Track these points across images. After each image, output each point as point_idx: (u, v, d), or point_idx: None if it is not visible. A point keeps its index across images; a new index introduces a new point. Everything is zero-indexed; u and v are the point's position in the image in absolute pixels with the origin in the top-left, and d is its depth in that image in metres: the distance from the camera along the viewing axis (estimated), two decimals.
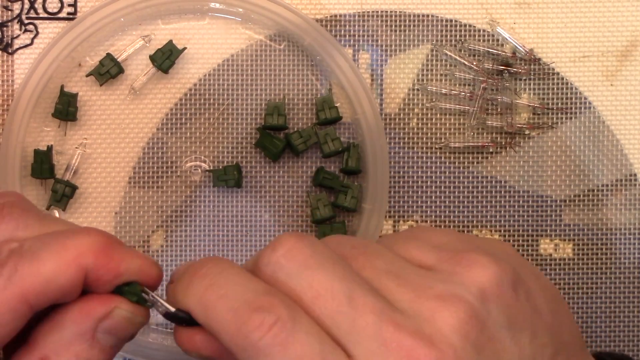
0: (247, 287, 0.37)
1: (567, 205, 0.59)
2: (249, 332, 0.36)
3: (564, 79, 0.59)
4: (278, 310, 0.36)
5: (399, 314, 0.37)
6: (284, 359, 0.36)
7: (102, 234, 0.38)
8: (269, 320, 0.36)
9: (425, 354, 0.36)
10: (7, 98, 0.57)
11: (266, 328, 0.36)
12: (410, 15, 0.59)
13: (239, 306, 0.37)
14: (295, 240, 0.38)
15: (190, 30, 0.58)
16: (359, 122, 0.57)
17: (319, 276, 0.37)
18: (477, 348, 0.37)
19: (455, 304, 0.37)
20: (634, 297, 0.59)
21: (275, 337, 0.36)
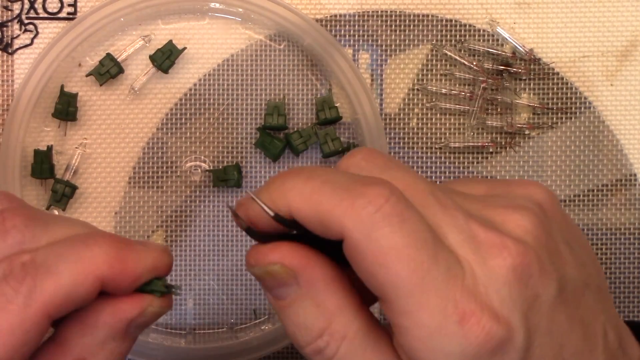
0: (347, 175, 0.37)
1: (567, 205, 0.59)
2: (363, 205, 0.35)
3: (564, 79, 0.59)
4: (390, 187, 0.36)
5: (477, 217, 0.37)
6: (400, 232, 0.35)
7: (113, 241, 0.38)
8: (384, 192, 0.35)
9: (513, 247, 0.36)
10: (7, 98, 0.57)
11: (383, 200, 0.35)
12: (410, 15, 0.59)
13: (349, 184, 0.36)
14: (369, 149, 0.39)
15: (190, 30, 0.58)
16: (359, 122, 0.57)
17: (402, 173, 0.38)
18: (548, 251, 0.37)
19: (522, 211, 0.38)
20: (634, 297, 0.59)
21: (394, 208, 0.35)
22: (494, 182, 0.41)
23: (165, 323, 0.57)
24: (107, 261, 0.37)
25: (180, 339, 0.57)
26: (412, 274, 0.35)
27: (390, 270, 0.35)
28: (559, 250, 0.38)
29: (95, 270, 0.37)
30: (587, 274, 0.40)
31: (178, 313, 0.58)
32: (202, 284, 0.58)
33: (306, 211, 0.36)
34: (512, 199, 0.39)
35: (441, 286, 0.35)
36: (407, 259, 0.35)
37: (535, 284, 0.36)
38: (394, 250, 0.35)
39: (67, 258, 0.37)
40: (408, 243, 0.35)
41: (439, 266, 0.35)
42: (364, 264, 0.35)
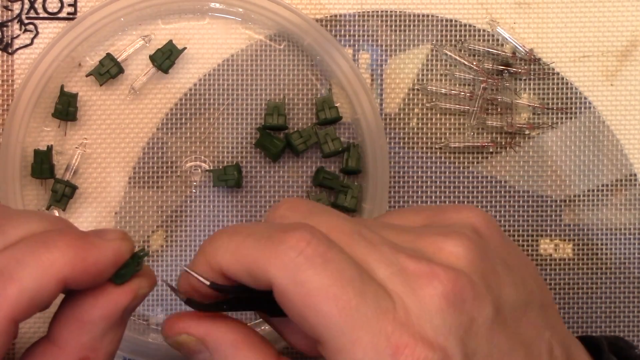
0: (269, 225, 0.38)
1: (567, 205, 0.59)
2: (285, 251, 0.36)
3: (564, 79, 0.59)
4: (311, 229, 0.36)
5: (407, 249, 0.38)
6: (324, 272, 0.35)
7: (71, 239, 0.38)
8: (306, 236, 0.36)
9: (443, 274, 0.36)
10: (7, 98, 0.57)
11: (304, 244, 0.36)
12: (410, 15, 0.59)
13: (270, 233, 0.37)
14: (294, 198, 0.39)
15: (190, 30, 0.58)
16: (359, 122, 0.57)
17: (325, 217, 0.38)
18: (483, 275, 0.38)
19: (455, 237, 0.38)
20: (634, 297, 0.59)
21: (316, 251, 0.36)
22: (429, 211, 0.41)
23: None
24: (67, 263, 0.37)
25: None
26: (341, 312, 0.35)
27: (319, 311, 0.35)
28: (496, 272, 0.38)
29: (57, 274, 0.37)
30: (528, 293, 0.40)
31: None
32: None
33: (235, 266, 0.37)
34: (447, 226, 0.39)
35: (372, 322, 0.35)
36: (334, 299, 0.35)
37: (470, 308, 0.36)
38: (320, 291, 0.35)
39: (27, 263, 0.37)
40: (333, 282, 0.35)
41: (367, 302, 0.35)
42: (294, 309, 0.36)
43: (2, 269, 0.36)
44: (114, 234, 0.40)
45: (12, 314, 0.36)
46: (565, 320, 0.59)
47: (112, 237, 0.40)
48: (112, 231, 0.40)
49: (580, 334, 0.59)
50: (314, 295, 0.35)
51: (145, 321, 0.57)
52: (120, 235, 0.40)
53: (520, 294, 0.39)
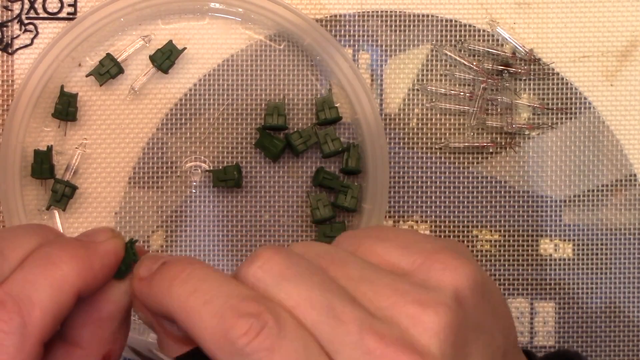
0: (231, 292, 0.37)
1: (567, 205, 0.59)
2: (236, 338, 0.36)
3: (564, 79, 0.59)
4: (265, 316, 0.36)
5: (378, 322, 0.37)
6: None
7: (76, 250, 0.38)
8: (255, 326, 0.36)
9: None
10: (7, 98, 0.57)
11: (253, 334, 0.36)
12: (410, 15, 0.59)
13: (225, 312, 0.36)
14: (272, 252, 0.38)
15: (190, 30, 0.58)
16: (359, 122, 0.57)
17: (296, 287, 0.37)
18: (455, 350, 0.37)
19: (435, 309, 0.37)
20: (634, 297, 0.59)
21: (262, 343, 0.36)
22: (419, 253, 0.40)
23: None
24: (78, 275, 0.38)
25: None
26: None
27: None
28: (466, 343, 0.38)
29: (72, 288, 0.38)
30: (494, 352, 0.39)
31: None
32: None
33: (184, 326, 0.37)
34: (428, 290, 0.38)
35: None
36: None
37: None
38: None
39: (41, 284, 0.37)
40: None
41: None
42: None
43: (19, 294, 0.37)
44: (104, 234, 0.40)
45: (40, 337, 0.37)
46: (565, 321, 0.59)
47: (105, 237, 0.40)
48: (101, 231, 0.41)
49: (580, 333, 0.59)
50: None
51: None
52: (110, 233, 0.41)
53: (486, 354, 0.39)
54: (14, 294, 0.37)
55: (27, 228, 0.40)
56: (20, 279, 0.37)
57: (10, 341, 0.36)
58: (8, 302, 0.36)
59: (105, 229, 0.41)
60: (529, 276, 0.59)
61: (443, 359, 0.36)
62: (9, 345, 0.36)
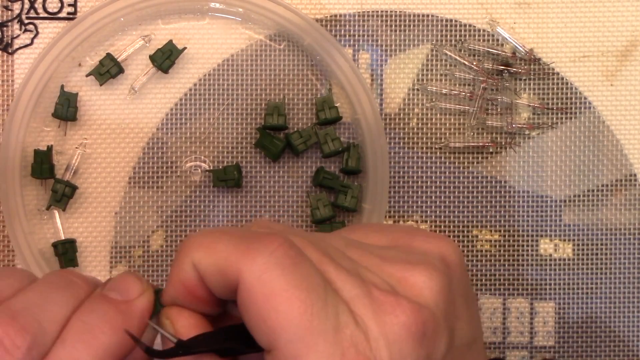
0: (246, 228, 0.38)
1: (567, 205, 0.59)
2: (257, 249, 0.36)
3: (564, 79, 0.59)
4: (285, 237, 0.36)
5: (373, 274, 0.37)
6: (292, 275, 0.35)
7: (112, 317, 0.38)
8: (278, 239, 0.36)
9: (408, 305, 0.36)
10: (7, 98, 0.57)
11: (277, 245, 0.36)
12: (410, 15, 0.59)
13: (246, 234, 0.37)
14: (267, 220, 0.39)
15: (190, 30, 0.58)
16: (359, 122, 0.57)
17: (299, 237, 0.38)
18: (445, 307, 0.38)
19: (423, 267, 0.38)
20: (634, 297, 0.59)
21: (286, 253, 0.36)
22: (396, 232, 0.41)
23: None
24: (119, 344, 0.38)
25: None
26: (302, 316, 0.35)
27: (279, 312, 0.35)
28: (455, 307, 0.38)
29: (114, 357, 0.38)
30: (475, 329, 0.40)
31: None
32: None
33: (206, 262, 0.37)
34: (415, 254, 0.39)
35: (330, 332, 0.35)
36: (297, 301, 0.35)
37: (428, 343, 0.36)
38: (284, 292, 0.35)
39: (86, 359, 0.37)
40: (298, 285, 0.35)
41: (328, 312, 0.35)
42: (254, 309, 0.36)
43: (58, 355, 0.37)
44: (136, 288, 0.40)
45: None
46: (565, 321, 0.59)
47: (137, 292, 0.40)
48: (132, 284, 0.40)
49: (580, 333, 0.59)
50: (277, 295, 0.35)
51: None
52: (141, 286, 0.40)
53: (470, 331, 0.39)
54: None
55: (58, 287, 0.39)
56: (63, 355, 0.37)
57: None
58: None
59: (136, 281, 0.40)
60: (529, 276, 0.59)
61: (437, 310, 0.37)
62: None
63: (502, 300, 0.59)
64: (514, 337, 0.59)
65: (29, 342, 0.36)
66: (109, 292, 0.40)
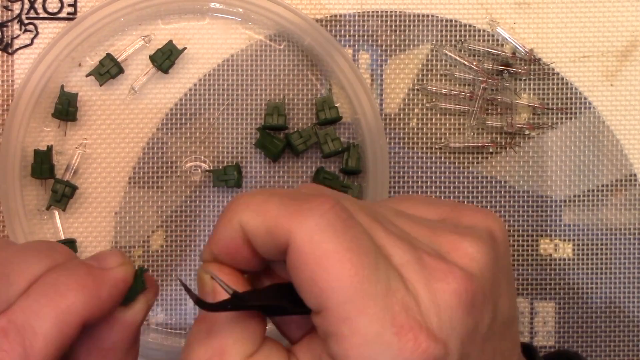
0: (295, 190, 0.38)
1: (567, 205, 0.59)
2: (309, 210, 0.35)
3: (564, 79, 0.59)
4: (336, 198, 0.36)
5: (423, 242, 0.37)
6: (343, 237, 0.35)
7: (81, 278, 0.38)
8: (329, 201, 0.36)
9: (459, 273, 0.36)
10: (7, 98, 0.57)
11: (328, 207, 0.35)
12: (410, 15, 0.59)
13: (296, 195, 0.36)
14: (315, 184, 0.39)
15: (190, 30, 0.58)
16: (359, 122, 0.57)
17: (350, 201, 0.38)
18: (491, 281, 0.38)
19: (472, 239, 0.38)
20: (634, 297, 0.59)
21: (338, 215, 0.35)
22: (445, 206, 0.41)
23: (165, 323, 0.57)
24: (84, 305, 0.37)
25: (180, 339, 0.57)
26: (353, 278, 0.35)
27: (330, 274, 0.35)
28: (499, 282, 0.38)
29: (77, 318, 0.37)
30: (516, 307, 0.40)
31: (178, 313, 0.58)
32: None
33: (255, 222, 0.37)
34: (463, 226, 0.39)
35: (380, 295, 0.35)
36: (349, 263, 0.35)
37: (476, 313, 0.36)
38: (335, 254, 0.35)
39: (46, 313, 0.36)
40: (350, 248, 0.35)
41: (379, 277, 0.35)
42: (305, 270, 0.35)
43: (23, 323, 0.36)
44: (114, 260, 0.39)
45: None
46: (565, 321, 0.59)
47: (114, 263, 0.39)
48: (110, 256, 0.40)
49: (580, 333, 0.59)
50: (329, 256, 0.35)
51: (146, 321, 0.57)
52: (121, 259, 0.40)
53: (511, 308, 0.39)
54: (18, 323, 0.36)
55: (36, 249, 0.39)
56: (24, 307, 0.36)
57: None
58: (11, 331, 0.36)
59: (116, 253, 0.40)
60: (529, 276, 0.59)
61: (484, 281, 0.37)
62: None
63: None
64: None
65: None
66: (87, 260, 0.39)
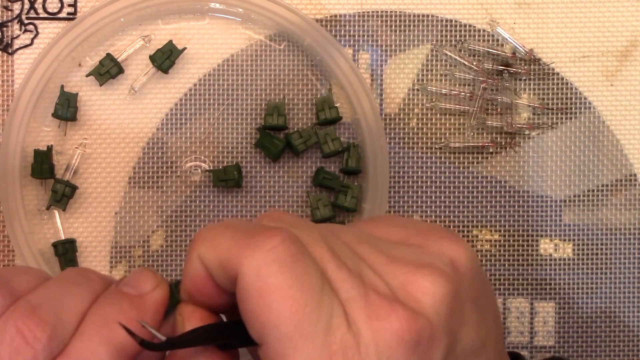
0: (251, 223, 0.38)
1: (567, 205, 0.59)
2: (258, 244, 0.36)
3: (564, 79, 0.59)
4: (289, 233, 0.36)
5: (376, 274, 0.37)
6: (289, 272, 0.35)
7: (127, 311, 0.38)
8: (281, 234, 0.36)
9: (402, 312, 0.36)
10: (7, 98, 0.57)
11: (278, 241, 0.36)
12: (410, 15, 0.59)
13: (249, 229, 0.37)
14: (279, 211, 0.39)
15: (190, 30, 0.58)
16: (359, 122, 0.57)
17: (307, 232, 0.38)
18: (447, 314, 0.37)
19: (428, 271, 0.37)
20: (634, 297, 0.59)
21: (287, 250, 0.35)
22: (412, 229, 0.40)
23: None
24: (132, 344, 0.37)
25: None
26: (293, 316, 0.35)
27: (272, 309, 0.35)
28: (461, 312, 0.38)
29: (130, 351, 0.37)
30: (487, 333, 0.39)
31: None
32: None
33: (209, 255, 0.37)
34: (424, 255, 0.38)
35: (319, 334, 0.35)
36: (291, 300, 0.35)
37: (423, 351, 0.36)
38: (278, 290, 0.35)
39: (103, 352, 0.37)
40: (294, 284, 0.35)
41: (320, 313, 0.35)
42: (249, 303, 0.35)
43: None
44: (150, 282, 0.40)
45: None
46: (565, 321, 0.59)
47: (151, 286, 0.40)
48: (145, 279, 0.40)
49: (580, 333, 0.59)
50: (272, 292, 0.35)
51: None
52: (156, 280, 0.40)
53: (478, 336, 0.39)
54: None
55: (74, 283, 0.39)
56: (82, 349, 0.37)
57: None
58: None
59: (149, 275, 0.40)
60: (529, 276, 0.59)
61: (436, 318, 0.36)
62: None
63: (502, 300, 0.59)
64: (514, 337, 0.59)
65: (48, 334, 0.36)
66: (124, 287, 0.40)
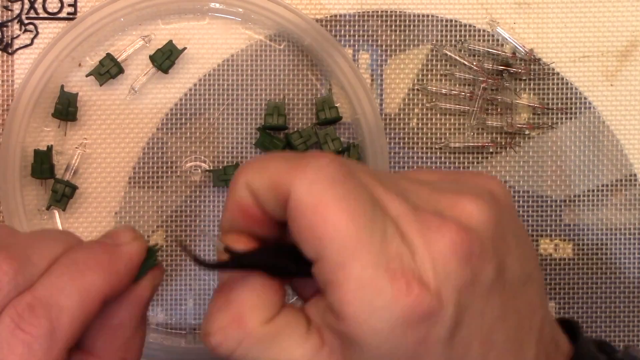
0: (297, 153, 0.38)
1: (567, 205, 0.59)
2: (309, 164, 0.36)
3: (564, 79, 0.59)
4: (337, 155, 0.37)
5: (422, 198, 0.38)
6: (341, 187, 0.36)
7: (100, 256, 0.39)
8: (330, 156, 0.37)
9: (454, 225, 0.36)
10: (7, 98, 0.57)
11: (328, 161, 0.37)
12: (410, 15, 0.59)
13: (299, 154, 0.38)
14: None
15: (190, 30, 0.58)
16: (359, 122, 0.57)
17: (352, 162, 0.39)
18: (493, 238, 0.38)
19: (472, 197, 0.38)
20: (634, 297, 0.59)
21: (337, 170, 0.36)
22: (447, 172, 0.41)
23: (165, 323, 0.57)
24: (104, 282, 0.38)
25: (180, 339, 0.57)
26: (349, 225, 0.35)
27: (327, 222, 0.35)
28: (505, 240, 0.38)
29: (99, 294, 0.38)
30: (531, 268, 0.40)
31: (178, 313, 0.58)
32: (202, 284, 0.58)
33: (259, 180, 0.38)
34: (465, 186, 0.39)
35: (376, 243, 0.35)
36: (346, 212, 0.35)
37: (474, 264, 0.36)
38: (332, 203, 0.36)
39: (70, 291, 0.37)
40: (347, 197, 0.36)
41: (375, 224, 0.36)
42: (303, 219, 0.36)
43: (49, 300, 0.37)
44: (126, 235, 0.40)
45: (67, 343, 0.37)
46: None
47: (127, 238, 0.40)
48: (123, 232, 0.41)
49: None
50: (326, 205, 0.36)
51: None
52: (133, 234, 0.41)
53: (523, 268, 0.39)
54: (43, 299, 0.37)
55: (51, 234, 0.40)
56: (48, 284, 0.37)
57: (39, 345, 0.36)
58: (38, 307, 0.37)
59: (128, 229, 0.41)
60: None
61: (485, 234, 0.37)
62: (38, 349, 0.36)
63: None
64: None
65: (15, 268, 0.37)
66: (101, 238, 0.41)
